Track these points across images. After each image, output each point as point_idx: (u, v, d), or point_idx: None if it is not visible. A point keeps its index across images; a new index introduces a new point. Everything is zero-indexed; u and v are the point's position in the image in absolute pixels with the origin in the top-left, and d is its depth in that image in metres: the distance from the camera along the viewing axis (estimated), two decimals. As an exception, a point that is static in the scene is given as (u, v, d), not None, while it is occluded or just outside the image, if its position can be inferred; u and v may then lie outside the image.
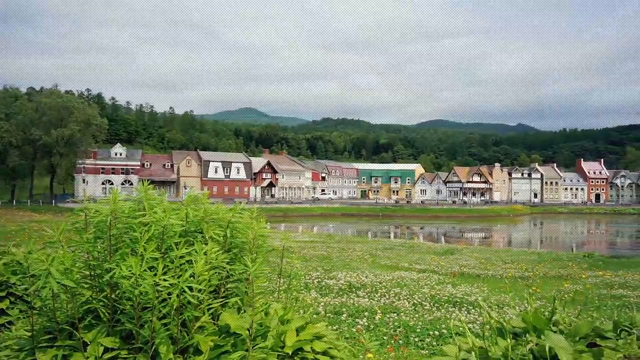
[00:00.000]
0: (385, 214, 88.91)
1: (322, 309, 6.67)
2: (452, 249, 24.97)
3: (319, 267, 11.62)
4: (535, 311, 2.85)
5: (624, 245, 47.88)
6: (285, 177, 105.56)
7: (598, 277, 13.61)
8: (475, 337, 2.89)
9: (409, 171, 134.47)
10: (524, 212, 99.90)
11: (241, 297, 3.26)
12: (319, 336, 3.24)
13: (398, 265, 15.64)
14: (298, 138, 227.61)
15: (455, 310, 7.18)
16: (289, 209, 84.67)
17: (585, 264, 18.80)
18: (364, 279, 9.84)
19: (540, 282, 11.92)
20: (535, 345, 2.53)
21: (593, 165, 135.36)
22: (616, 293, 10.52)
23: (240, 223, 3.41)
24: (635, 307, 8.12)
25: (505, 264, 17.88)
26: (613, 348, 2.53)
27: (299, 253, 17.68)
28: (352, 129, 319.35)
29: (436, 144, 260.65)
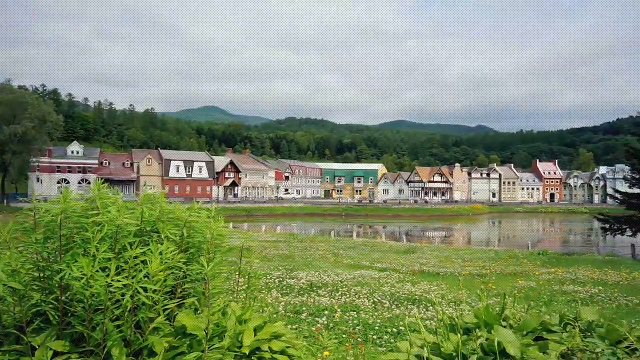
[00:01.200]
0: (348, 213, 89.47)
1: (282, 308, 6.67)
2: (413, 248, 25.38)
3: (281, 267, 11.60)
4: (486, 307, 2.94)
5: (576, 243, 49.80)
6: (249, 177, 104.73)
7: (551, 274, 14.11)
8: (430, 333, 2.96)
9: (372, 171, 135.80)
10: (483, 211, 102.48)
11: (198, 298, 3.22)
12: (277, 335, 3.24)
13: (360, 264, 15.78)
14: (262, 137, 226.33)
15: (414, 307, 7.31)
16: (252, 208, 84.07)
17: (539, 261, 19.45)
18: (326, 278, 9.89)
19: (496, 279, 12.27)
20: (486, 340, 2.61)
21: (548, 166, 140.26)
22: (567, 289, 10.94)
23: (197, 222, 3.37)
24: (583, 302, 8.51)
25: (464, 262, 18.30)
26: (558, 341, 2.64)
27: (261, 253, 17.60)
28: (316, 129, 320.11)
29: (399, 144, 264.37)
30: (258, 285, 8.20)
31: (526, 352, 2.48)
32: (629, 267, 17.74)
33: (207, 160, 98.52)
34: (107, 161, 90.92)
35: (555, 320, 3.16)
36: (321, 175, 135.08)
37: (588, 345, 2.58)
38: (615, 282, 12.58)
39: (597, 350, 2.48)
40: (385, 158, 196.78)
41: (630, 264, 19.40)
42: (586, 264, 18.39)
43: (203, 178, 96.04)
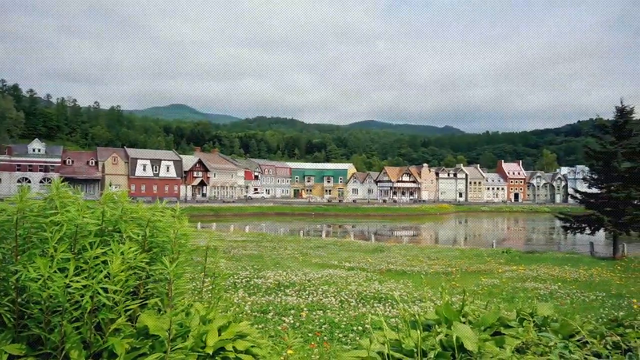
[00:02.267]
0: (317, 213, 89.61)
1: (248, 308, 6.65)
2: (381, 247, 25.63)
3: (249, 267, 11.55)
4: (447, 304, 3.01)
5: (539, 241, 51.25)
6: (218, 176, 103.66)
7: (513, 272, 14.49)
8: (392, 330, 3.01)
9: (342, 170, 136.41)
10: (450, 211, 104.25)
11: (161, 298, 3.18)
12: (241, 335, 3.23)
13: (328, 263, 15.85)
14: (231, 136, 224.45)
15: (380, 305, 7.41)
16: (221, 208, 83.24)
17: (503, 259, 19.95)
18: (293, 278, 9.90)
19: (461, 277, 12.52)
20: (445, 336, 2.67)
21: (512, 167, 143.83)
22: (528, 286, 11.26)
23: (161, 222, 3.32)
24: (543, 298, 8.78)
25: (431, 261, 18.60)
26: (514, 336, 2.72)
27: (229, 253, 17.47)
28: (286, 128, 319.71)
29: (368, 144, 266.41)
30: (224, 285, 8.14)
31: (483, 347, 2.55)
32: (587, 264, 18.39)
33: (175, 159, 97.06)
34: (70, 160, 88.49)
35: (512, 316, 3.26)
36: (291, 175, 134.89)
37: (542, 339, 2.67)
38: (574, 279, 13.03)
39: (550, 344, 2.57)
40: (355, 158, 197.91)
41: (588, 262, 20.12)
42: (547, 261, 18.96)
43: (171, 177, 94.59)
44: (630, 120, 27.27)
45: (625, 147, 26.65)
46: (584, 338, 2.68)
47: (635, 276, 15.35)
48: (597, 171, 28.57)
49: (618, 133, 27.36)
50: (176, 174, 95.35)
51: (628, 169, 26.73)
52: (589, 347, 2.64)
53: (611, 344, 2.65)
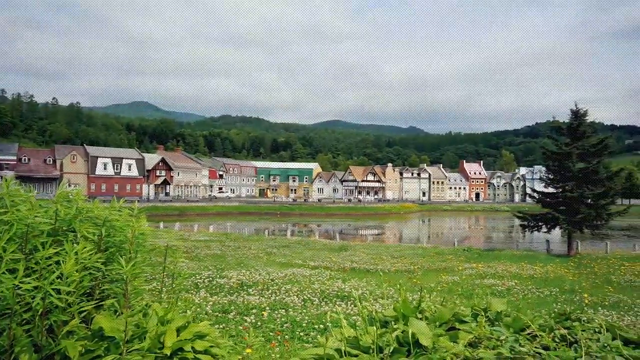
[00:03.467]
0: (283, 212, 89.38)
1: (209, 308, 6.59)
2: (345, 246, 25.79)
3: (212, 266, 11.43)
4: (404, 301, 3.07)
5: (499, 240, 52.64)
6: (181, 175, 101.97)
7: (473, 269, 14.85)
8: (351, 327, 3.05)
9: (307, 170, 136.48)
10: (414, 210, 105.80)
11: (118, 299, 3.12)
12: (201, 335, 3.20)
13: (292, 262, 15.85)
14: (195, 135, 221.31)
15: (343, 304, 7.47)
16: (185, 207, 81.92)
17: (464, 257, 20.42)
18: (257, 277, 9.86)
19: (423, 275, 12.75)
20: (402, 332, 2.72)
21: (474, 167, 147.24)
22: (487, 282, 11.57)
23: (118, 221, 3.26)
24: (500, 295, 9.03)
25: (394, 259, 18.85)
26: (468, 331, 2.80)
27: (192, 253, 17.23)
28: (252, 127, 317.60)
29: (334, 144, 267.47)
30: (186, 285, 8.04)
31: (437, 341, 2.60)
32: (543, 261, 19.04)
33: (137, 158, 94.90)
34: (26, 157, 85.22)
35: (467, 312, 3.34)
36: (256, 174, 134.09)
37: (494, 333, 2.75)
38: (530, 275, 13.46)
39: (501, 338, 2.65)
40: (320, 157, 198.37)
41: (544, 259, 20.82)
42: (505, 259, 19.52)
43: (133, 176, 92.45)
44: (584, 123, 28.35)
45: (579, 148, 27.69)
46: (534, 332, 2.77)
47: (586, 272, 16.01)
48: (552, 171, 29.58)
49: (572, 135, 28.40)
50: (138, 172, 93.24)
51: (581, 169, 27.78)
52: (539, 340, 2.73)
53: (559, 337, 2.76)
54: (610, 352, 2.29)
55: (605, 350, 2.36)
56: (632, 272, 17.08)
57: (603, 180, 28.02)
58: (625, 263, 20.20)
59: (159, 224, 40.28)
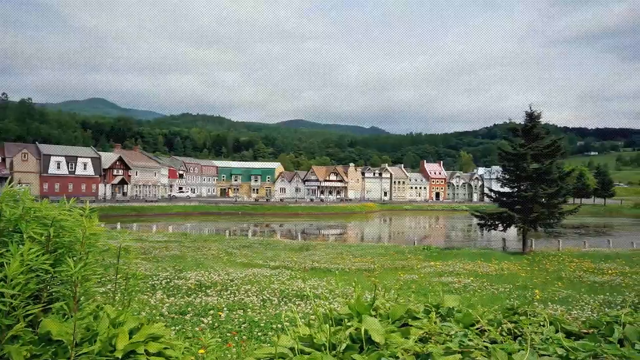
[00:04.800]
0: (245, 212, 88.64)
1: (166, 310, 6.48)
2: (307, 246, 25.84)
3: (170, 267, 11.23)
4: (358, 299, 3.11)
5: (457, 238, 53.92)
6: (139, 174, 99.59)
7: (431, 267, 15.17)
8: (307, 326, 3.07)
9: (269, 169, 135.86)
10: (375, 210, 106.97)
11: (67, 302, 3.03)
12: (155, 337, 3.14)
13: (253, 262, 15.76)
14: (154, 133, 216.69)
15: (302, 303, 7.48)
16: (143, 207, 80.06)
17: (423, 255, 20.81)
18: (216, 278, 9.75)
19: (382, 273, 12.92)
20: (355, 329, 2.76)
21: (434, 167, 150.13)
22: (445, 280, 11.84)
23: (68, 221, 3.16)
24: (457, 291, 9.25)
25: (355, 258, 19.02)
26: (419, 326, 2.86)
27: (150, 254, 16.87)
28: (213, 126, 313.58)
29: (296, 144, 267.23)
30: (142, 287, 7.87)
31: (389, 338, 2.65)
32: (498, 259, 19.63)
33: (93, 156, 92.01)
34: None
35: (420, 308, 3.40)
36: (217, 174, 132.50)
37: (444, 329, 2.81)
38: (485, 272, 13.86)
39: (451, 333, 2.71)
40: (283, 157, 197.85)
41: (500, 256, 21.47)
42: (463, 257, 20.01)
43: (88, 175, 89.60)
44: (538, 125, 29.38)
45: (533, 149, 28.66)
46: (483, 327, 2.86)
47: (539, 269, 16.61)
48: (508, 171, 30.51)
49: (527, 136, 29.38)
50: (94, 171, 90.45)
51: (535, 169, 28.77)
52: (487, 334, 2.81)
53: (506, 331, 2.84)
54: (552, 344, 2.38)
55: (547, 342, 2.45)
56: (580, 268, 17.86)
57: (556, 180, 29.10)
58: (575, 260, 21.08)
59: (116, 225, 39.26)
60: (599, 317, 2.66)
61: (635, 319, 2.66)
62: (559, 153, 29.72)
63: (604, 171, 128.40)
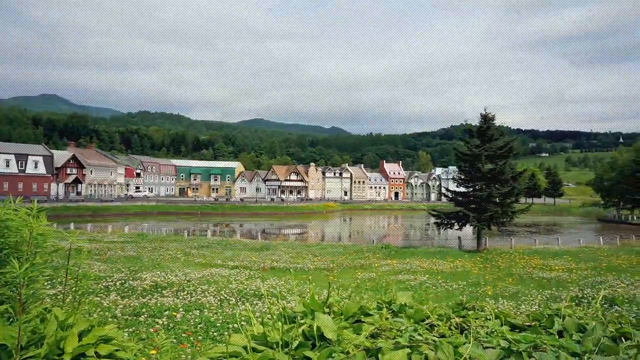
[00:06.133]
0: (204, 212, 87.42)
1: (119, 311, 6.34)
2: (267, 245, 25.76)
3: (125, 268, 10.97)
4: (312, 297, 3.15)
5: (415, 237, 54.92)
6: (95, 173, 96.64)
7: (389, 266, 15.42)
8: (261, 324, 3.08)
9: (230, 169, 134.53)
10: (336, 209, 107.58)
11: (12, 304, 2.94)
12: (106, 339, 3.09)
13: (211, 262, 15.59)
14: (111, 131, 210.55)
15: (260, 302, 7.47)
16: (99, 207, 77.73)
17: (381, 254, 21.11)
18: (172, 278, 9.60)
19: (341, 272, 13.05)
20: (308, 327, 2.80)
21: (393, 167, 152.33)
22: (402, 278, 12.07)
23: (13, 221, 3.06)
24: (412, 289, 9.45)
25: (315, 257, 19.10)
26: (371, 323, 2.93)
27: (105, 255, 16.42)
28: (172, 124, 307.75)
29: (257, 143, 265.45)
30: (95, 288, 7.67)
31: (342, 334, 2.69)
32: (454, 256, 20.15)
33: (44, 154, 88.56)
34: None
35: (373, 305, 3.46)
36: (176, 173, 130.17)
37: (394, 324, 2.88)
38: (440, 270, 14.22)
39: (401, 328, 2.78)
40: (243, 156, 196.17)
41: (455, 254, 22.03)
42: (420, 255, 20.43)
43: (40, 174, 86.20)
44: (492, 126, 30.30)
45: (487, 150, 29.53)
46: (433, 322, 2.95)
47: (491, 266, 17.18)
48: (464, 172, 31.32)
49: (482, 137, 30.24)
50: (46, 170, 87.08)
51: (490, 170, 29.65)
52: (437, 329, 2.90)
53: (455, 325, 2.93)
54: (496, 337, 2.47)
55: (492, 335, 2.55)
56: (530, 265, 18.59)
57: (509, 180, 30.08)
58: (525, 257, 21.91)
59: (69, 225, 37.97)
60: (541, 310, 2.79)
61: (575, 311, 2.81)
62: (512, 154, 30.75)
63: (554, 172, 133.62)
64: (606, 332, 2.35)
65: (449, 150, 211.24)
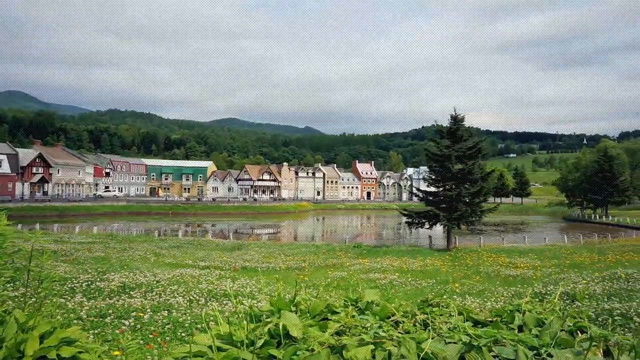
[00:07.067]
0: (175, 212, 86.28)
1: (84, 313, 6.21)
2: (239, 245, 25.61)
3: (92, 269, 10.75)
4: (279, 296, 3.17)
5: (387, 236, 55.43)
6: (62, 172, 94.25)
7: (360, 265, 15.54)
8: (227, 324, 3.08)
9: (202, 168, 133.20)
10: (309, 209, 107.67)
11: (-30, 307, 2.87)
12: (69, 341, 3.04)
13: (182, 263, 15.43)
14: (79, 129, 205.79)
15: (229, 302, 7.43)
16: (66, 207, 75.81)
17: (353, 253, 21.25)
18: (141, 279, 9.46)
19: (312, 271, 13.08)
20: (275, 325, 2.81)
21: (365, 167, 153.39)
22: (372, 276, 12.18)
23: (-28, 222, 2.99)
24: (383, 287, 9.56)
25: (287, 257, 19.08)
26: (337, 320, 2.96)
27: (72, 255, 16.05)
28: (143, 123, 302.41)
29: (230, 142, 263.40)
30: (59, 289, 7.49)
31: (307, 332, 2.71)
32: (424, 255, 20.45)
33: (9, 153, 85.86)
34: None
35: (340, 303, 3.50)
36: (147, 172, 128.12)
37: (361, 321, 2.91)
38: (411, 269, 14.41)
39: (367, 325, 2.81)
40: (216, 156, 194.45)
41: (425, 253, 22.35)
42: (391, 254, 20.65)
43: (4, 173, 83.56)
44: (462, 127, 30.81)
45: (457, 150, 30.01)
46: (398, 318, 3.00)
47: (460, 264, 17.51)
48: (434, 172, 31.76)
49: (452, 138, 30.72)
50: (11, 169, 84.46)
51: (459, 170, 30.14)
52: (402, 326, 2.94)
53: (420, 322, 2.99)
54: (458, 332, 2.53)
55: (454, 330, 2.61)
56: (497, 263, 19.04)
57: (478, 180, 30.63)
58: (493, 255, 22.41)
59: (34, 226, 36.93)
60: (503, 306, 2.87)
61: (534, 307, 2.89)
62: (481, 154, 31.34)
63: (522, 172, 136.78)
64: (564, 326, 2.43)
65: (420, 150, 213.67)
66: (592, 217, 77.30)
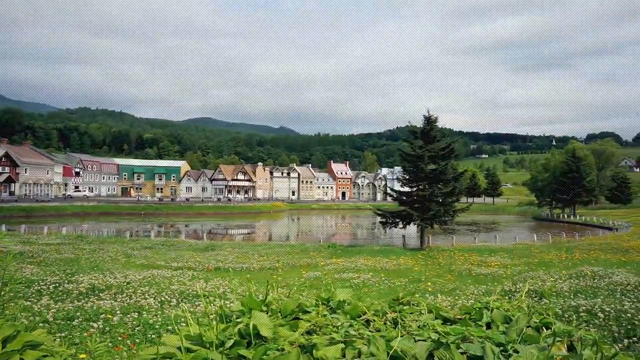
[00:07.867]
0: (148, 212, 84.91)
1: (51, 316, 6.06)
2: (213, 245, 25.37)
3: (60, 271, 10.49)
4: (250, 295, 3.16)
5: (362, 236, 55.74)
6: (29, 172, 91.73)
7: (335, 264, 15.59)
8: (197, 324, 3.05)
9: (175, 168, 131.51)
10: (284, 209, 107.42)
11: None
12: (33, 345, 2.96)
13: (154, 264, 15.19)
14: (48, 127, 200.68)
15: (201, 303, 7.36)
16: (34, 208, 73.79)
17: (327, 253, 21.30)
18: (111, 280, 9.27)
19: (286, 271, 13.06)
20: (245, 325, 2.80)
21: (340, 167, 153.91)
22: (346, 276, 12.24)
23: None
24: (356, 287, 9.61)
25: (260, 257, 19.00)
26: (307, 319, 2.96)
27: (39, 257, 15.63)
28: (114, 121, 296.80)
29: (204, 142, 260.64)
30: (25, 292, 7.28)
31: (278, 332, 2.71)
32: (397, 254, 20.63)
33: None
34: None
35: (311, 302, 3.49)
36: (118, 172, 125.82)
37: (332, 320, 2.91)
38: (384, 268, 14.53)
39: (338, 325, 2.82)
40: (190, 155, 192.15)
41: (399, 252, 22.56)
42: (365, 254, 20.77)
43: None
44: (435, 128, 31.20)
45: (430, 151, 30.38)
46: (369, 317, 3.02)
47: (432, 263, 17.74)
48: (408, 172, 32.07)
49: (425, 139, 31.08)
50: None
51: (432, 170, 30.52)
52: (373, 324, 2.96)
53: (391, 320, 3.01)
54: (427, 330, 2.56)
55: (424, 328, 2.63)
56: (469, 262, 19.35)
57: (450, 180, 31.07)
58: (465, 254, 22.77)
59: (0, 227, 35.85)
60: (472, 304, 2.91)
61: (502, 304, 2.95)
62: (454, 155, 31.80)
63: (493, 173, 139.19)
64: (530, 322, 2.49)
65: (394, 151, 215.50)
66: (560, 217, 79.22)
